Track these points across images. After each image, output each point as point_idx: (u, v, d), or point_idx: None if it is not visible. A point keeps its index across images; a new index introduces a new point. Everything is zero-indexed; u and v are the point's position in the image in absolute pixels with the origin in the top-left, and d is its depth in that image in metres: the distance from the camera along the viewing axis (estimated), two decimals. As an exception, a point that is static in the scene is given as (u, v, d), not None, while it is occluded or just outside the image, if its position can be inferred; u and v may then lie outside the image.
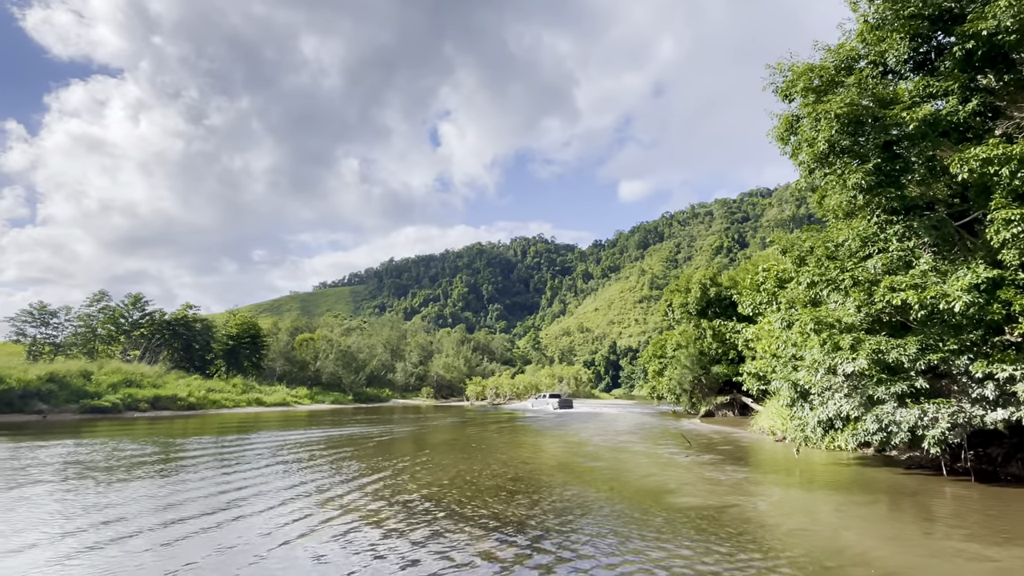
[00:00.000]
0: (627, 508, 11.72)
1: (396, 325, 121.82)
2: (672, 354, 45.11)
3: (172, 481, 14.96)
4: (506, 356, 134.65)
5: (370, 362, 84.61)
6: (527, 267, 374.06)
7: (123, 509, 11.63)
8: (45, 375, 42.34)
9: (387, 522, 10.66)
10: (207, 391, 52.38)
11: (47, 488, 13.93)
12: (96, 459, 19.17)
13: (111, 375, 47.13)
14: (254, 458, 19.64)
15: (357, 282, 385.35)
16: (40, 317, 54.94)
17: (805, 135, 17.64)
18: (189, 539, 9.46)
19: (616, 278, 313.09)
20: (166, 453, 20.94)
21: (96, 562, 8.25)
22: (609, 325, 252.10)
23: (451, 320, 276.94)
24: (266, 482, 14.84)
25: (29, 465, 17.69)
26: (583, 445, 24.99)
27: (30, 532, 9.90)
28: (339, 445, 24.02)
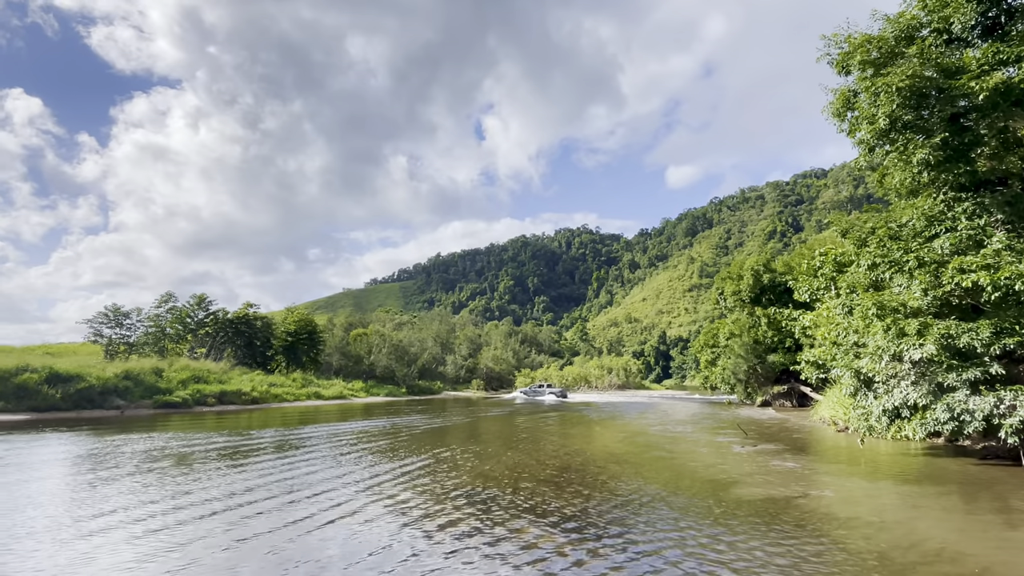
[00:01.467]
0: (685, 500, 11.61)
1: (445, 319, 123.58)
2: (725, 343, 44.11)
3: (243, 469, 15.81)
4: (554, 348, 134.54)
5: (421, 355, 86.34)
6: (572, 258, 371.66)
7: (200, 495, 12.41)
8: (121, 373, 45.14)
9: (439, 513, 10.97)
10: (269, 386, 54.69)
11: (132, 476, 14.98)
12: (174, 450, 20.44)
13: (180, 372, 49.82)
14: (315, 448, 20.48)
15: (406, 278, 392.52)
16: (114, 318, 58.54)
17: (864, 111, 16.92)
18: (259, 516, 10.04)
19: (664, 267, 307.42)
20: (235, 444, 22.08)
21: (175, 534, 8.88)
22: (658, 315, 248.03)
23: (498, 313, 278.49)
24: (327, 470, 15.48)
25: (113, 456, 19.04)
26: (636, 435, 24.85)
27: (117, 513, 10.71)
28: (394, 435, 24.72)
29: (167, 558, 8.28)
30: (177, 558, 8.27)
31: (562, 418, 35.74)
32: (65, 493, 13.05)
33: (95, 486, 13.75)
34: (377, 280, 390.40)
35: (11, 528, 9.98)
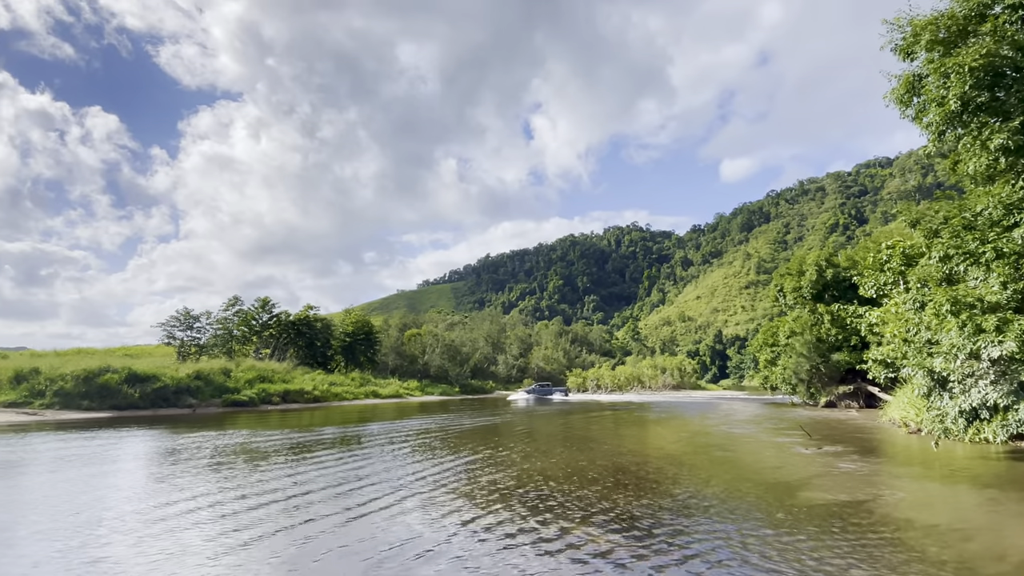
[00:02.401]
0: (747, 504, 11.32)
1: (495, 319, 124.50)
2: (786, 342, 42.61)
3: (308, 464, 16.51)
4: (605, 347, 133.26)
5: (473, 355, 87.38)
6: (622, 257, 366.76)
7: (269, 489, 13.07)
8: (193, 373, 47.79)
9: (493, 510, 11.14)
10: (329, 385, 56.70)
11: (207, 470, 15.91)
12: (243, 447, 21.53)
13: (247, 372, 52.30)
14: (375, 445, 21.13)
15: (457, 279, 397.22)
16: (186, 322, 62.06)
17: (931, 94, 16.07)
18: (323, 509, 10.50)
19: (718, 264, 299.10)
20: (300, 441, 23.05)
21: (247, 525, 9.42)
22: (713, 313, 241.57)
23: (548, 313, 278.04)
24: (385, 466, 15.98)
25: (189, 451, 20.25)
26: (693, 436, 24.41)
27: (193, 505, 11.44)
28: (449, 433, 25.18)
29: (241, 547, 8.81)
30: (251, 548, 8.78)
31: (616, 418, 35.44)
32: (148, 485, 14.01)
33: (174, 479, 14.69)
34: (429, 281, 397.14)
35: (99, 517, 10.82)
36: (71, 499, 12.31)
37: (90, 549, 8.74)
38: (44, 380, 39.79)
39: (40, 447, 21.65)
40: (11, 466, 16.94)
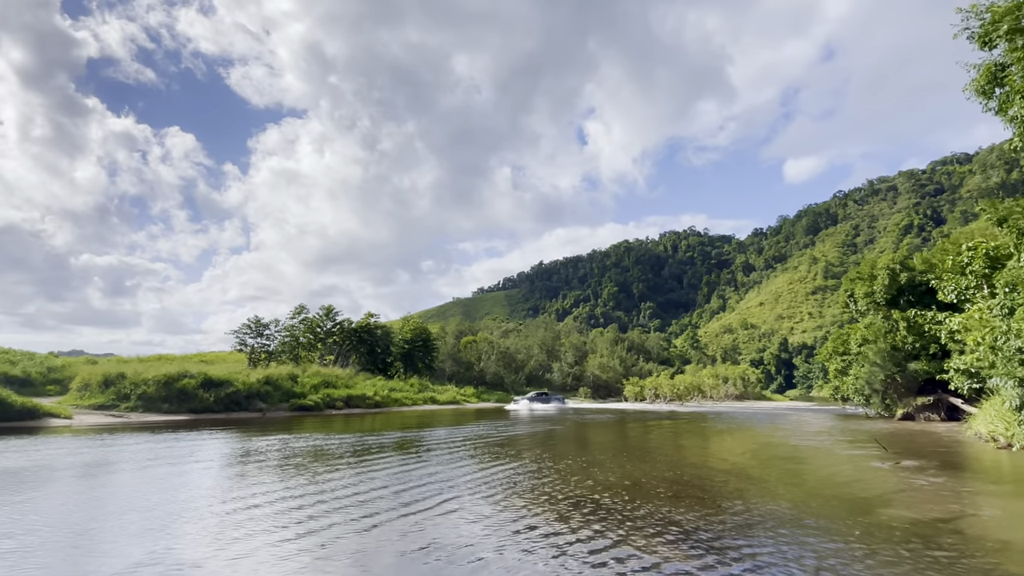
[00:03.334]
0: (818, 520, 10.86)
1: (550, 326, 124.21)
2: (857, 350, 40.53)
3: (371, 467, 17.03)
4: (663, 356, 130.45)
5: (528, 362, 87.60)
6: (679, 262, 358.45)
7: (337, 487, 13.58)
8: (263, 378, 50.08)
9: (549, 519, 11.16)
10: (389, 391, 58.17)
11: (277, 470, 16.69)
12: (310, 449, 22.43)
13: (312, 377, 54.35)
14: (434, 450, 21.54)
15: (511, 286, 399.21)
16: (256, 329, 65.17)
17: (1016, 85, 15.06)
18: (384, 511, 10.83)
19: (782, 268, 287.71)
20: (363, 444, 23.77)
21: (312, 520, 9.84)
22: (777, 320, 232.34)
23: (603, 320, 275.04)
24: (444, 471, 16.27)
25: (261, 452, 21.27)
26: (759, 448, 23.61)
27: (264, 502, 12.03)
28: (506, 440, 25.34)
29: (312, 548, 9.22)
30: (323, 548, 9.18)
31: (676, 428, 34.68)
32: (226, 485, 14.83)
33: (250, 480, 15.49)
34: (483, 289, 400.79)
35: (182, 516, 11.56)
36: (155, 498, 13.21)
37: (174, 549, 9.37)
38: (129, 384, 42.66)
39: (127, 448, 23.26)
40: (102, 466, 18.30)
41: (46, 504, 12.39)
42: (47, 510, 11.81)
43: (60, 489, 14.10)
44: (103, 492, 13.88)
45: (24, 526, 10.40)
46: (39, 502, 12.57)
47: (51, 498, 13.04)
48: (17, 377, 42.32)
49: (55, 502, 12.63)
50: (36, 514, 11.38)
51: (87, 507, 12.19)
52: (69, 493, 13.68)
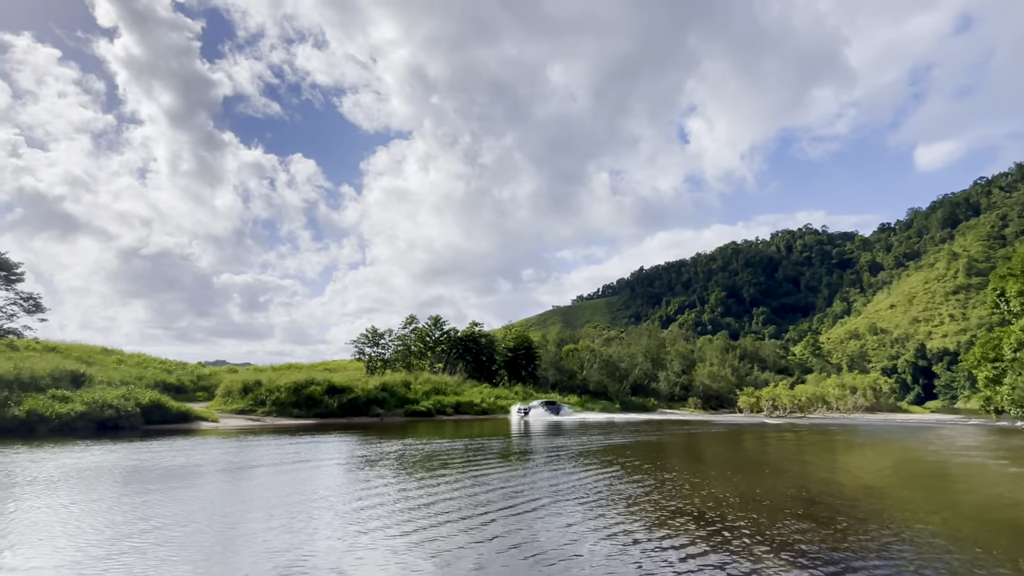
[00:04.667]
0: (973, 550, 9.80)
1: (654, 334, 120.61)
2: (1013, 356, 35.81)
3: (484, 472, 17.60)
4: (780, 364, 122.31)
5: (632, 371, 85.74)
6: (794, 263, 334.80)
7: (453, 489, 14.21)
8: (379, 385, 53.24)
9: (666, 535, 10.93)
10: (495, 398, 59.59)
11: (396, 472, 17.73)
12: (425, 452, 23.56)
13: (424, 384, 56.97)
14: (540, 457, 21.79)
15: (610, 293, 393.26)
16: (372, 339, 69.45)
17: None
18: (495, 516, 11.17)
19: (916, 266, 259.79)
20: (474, 449, 24.57)
21: (429, 520, 10.37)
22: (912, 324, 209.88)
23: (710, 327, 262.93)
24: (551, 479, 16.41)
25: (381, 455, 22.66)
26: (898, 465, 21.57)
27: (390, 500, 12.84)
28: (613, 451, 25.05)
29: (425, 539, 9.76)
30: (433, 541, 9.69)
31: (798, 441, 32.47)
32: (352, 485, 16.01)
33: (371, 479, 16.61)
34: (583, 297, 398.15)
35: (313, 514, 12.64)
36: (291, 495, 14.56)
37: (307, 542, 10.31)
38: (264, 391, 47.06)
39: (264, 449, 25.74)
40: (245, 465, 20.41)
41: (201, 498, 14.12)
42: (202, 504, 13.45)
43: (212, 485, 15.98)
44: (247, 489, 15.55)
45: (184, 518, 11.94)
46: (195, 497, 14.34)
47: (205, 493, 14.82)
48: (173, 384, 48.13)
49: (208, 497, 14.35)
50: (193, 507, 13.02)
51: (234, 502, 13.75)
52: (219, 489, 15.47)
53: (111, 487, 15.02)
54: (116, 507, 12.58)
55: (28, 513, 11.86)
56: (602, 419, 55.14)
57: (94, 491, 14.38)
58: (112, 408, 33.97)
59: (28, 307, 37.97)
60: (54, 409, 31.95)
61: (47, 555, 9.03)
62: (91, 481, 15.85)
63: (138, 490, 14.59)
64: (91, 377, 38.86)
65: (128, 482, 15.79)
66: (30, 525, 10.90)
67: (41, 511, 12.05)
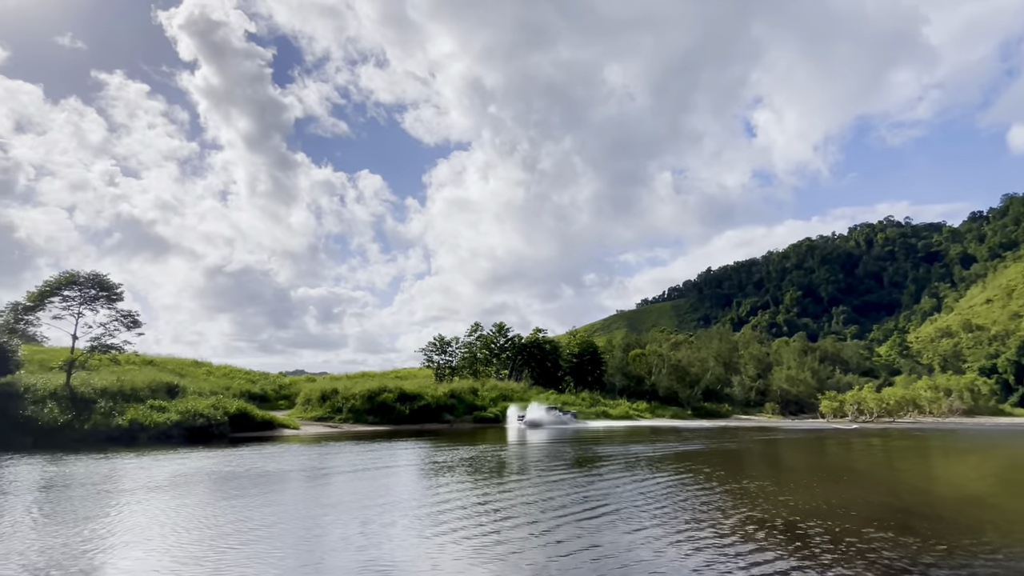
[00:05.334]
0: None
1: (725, 337, 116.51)
2: None
3: (555, 479, 17.59)
4: (864, 366, 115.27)
5: (703, 376, 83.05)
6: (875, 258, 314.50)
7: (523, 496, 14.29)
8: (448, 392, 54.22)
9: (753, 547, 10.54)
10: (562, 404, 59.33)
11: (465, 476, 18.02)
12: (494, 458, 23.80)
13: (491, 391, 57.56)
14: (615, 466, 21.50)
15: (676, 296, 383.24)
16: (440, 347, 70.90)
17: None
18: (568, 526, 11.12)
19: (1014, 257, 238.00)
20: (542, 455, 24.60)
21: (498, 515, 10.47)
22: (1013, 320, 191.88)
23: (786, 328, 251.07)
24: (627, 488, 16.17)
25: (452, 461, 23.10)
26: (1004, 474, 19.88)
27: (464, 506, 13.06)
28: (689, 459, 24.38)
29: (497, 542, 9.87)
30: (503, 544, 9.78)
31: (886, 448, 30.49)
32: (425, 488, 16.42)
33: (444, 483, 16.98)
34: (648, 300, 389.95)
35: (390, 519, 13.04)
36: (369, 500, 15.10)
37: (385, 546, 10.65)
38: (340, 399, 48.96)
39: (342, 455, 26.79)
40: (326, 472, 21.32)
41: (289, 501, 14.93)
42: (290, 506, 14.23)
43: (298, 489, 16.84)
44: (330, 492, 16.28)
45: (274, 519, 12.65)
46: (283, 500, 15.16)
47: (292, 497, 15.64)
48: (257, 394, 50.93)
49: (295, 500, 15.15)
50: (282, 510, 13.78)
51: (319, 505, 14.45)
52: (305, 493, 16.29)
53: (211, 491, 16.14)
54: (215, 509, 13.51)
55: (139, 515, 12.95)
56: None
57: (197, 494, 15.51)
58: (203, 417, 36.35)
59: (127, 324, 41.10)
60: (152, 418, 34.55)
61: (155, 552, 9.83)
62: (194, 485, 17.09)
63: (234, 494, 15.59)
64: (184, 388, 41.75)
65: (225, 486, 16.90)
66: (141, 525, 11.89)
67: (151, 512, 13.11)
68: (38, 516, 12.50)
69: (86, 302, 39.96)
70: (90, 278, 40.17)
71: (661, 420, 63.61)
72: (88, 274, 40.34)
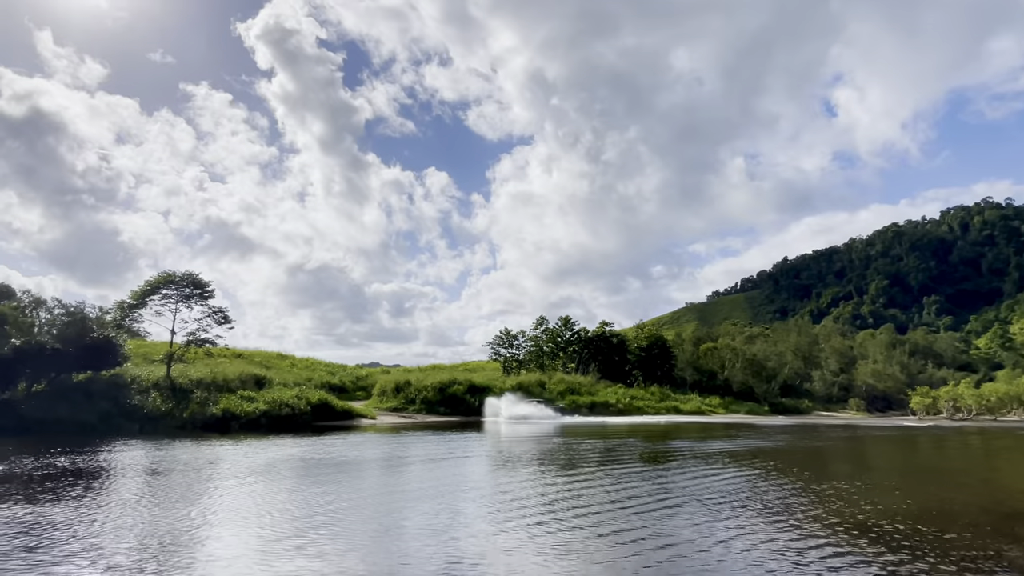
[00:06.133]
0: None
1: (804, 329, 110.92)
2: None
3: (625, 474, 17.45)
4: (960, 360, 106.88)
5: (780, 371, 79.46)
6: (971, 244, 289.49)
7: (593, 488, 14.29)
8: (515, 385, 54.80)
9: (852, 554, 10.10)
10: (631, 399, 58.61)
11: (533, 469, 18.19)
12: (564, 451, 23.89)
13: (558, 384, 57.67)
14: (690, 460, 21.07)
15: (750, 287, 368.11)
16: (507, 340, 71.72)
17: None
18: (643, 523, 11.02)
19: None
20: (609, 447, 24.43)
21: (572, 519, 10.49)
22: None
23: (871, 320, 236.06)
24: (709, 485, 15.82)
25: (520, 453, 23.38)
26: None
27: (534, 500, 13.20)
28: (770, 456, 23.53)
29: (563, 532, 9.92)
30: (576, 535, 9.82)
31: (989, 446, 28.21)
32: (495, 479, 16.73)
33: (513, 475, 17.23)
34: (719, 292, 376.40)
35: (462, 505, 13.37)
36: (442, 488, 15.57)
37: (458, 539, 10.95)
38: (413, 390, 50.52)
39: (417, 444, 27.69)
40: (404, 461, 22.13)
41: (371, 487, 15.74)
42: (371, 492, 15.03)
43: (379, 476, 17.68)
44: (408, 479, 16.95)
45: (357, 504, 13.32)
46: (365, 486, 15.95)
47: (373, 483, 16.44)
48: (336, 385, 53.34)
49: (376, 486, 15.93)
50: (364, 495, 14.52)
51: (398, 491, 15.11)
52: (385, 479, 17.09)
53: (301, 476, 17.23)
54: (305, 494, 14.38)
55: (238, 498, 14.00)
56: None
57: (289, 479, 16.60)
58: (288, 407, 38.56)
59: (218, 320, 44.21)
60: (243, 408, 36.97)
61: (250, 533, 10.60)
62: (286, 470, 18.27)
63: (322, 479, 16.54)
64: (270, 379, 44.37)
65: (313, 472, 17.96)
66: (238, 507, 12.85)
67: (248, 495, 14.15)
68: (149, 497, 13.74)
69: (182, 299, 43.24)
70: (185, 277, 43.44)
71: (735, 416, 61.56)
72: (183, 274, 43.63)
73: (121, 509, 12.24)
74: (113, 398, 34.66)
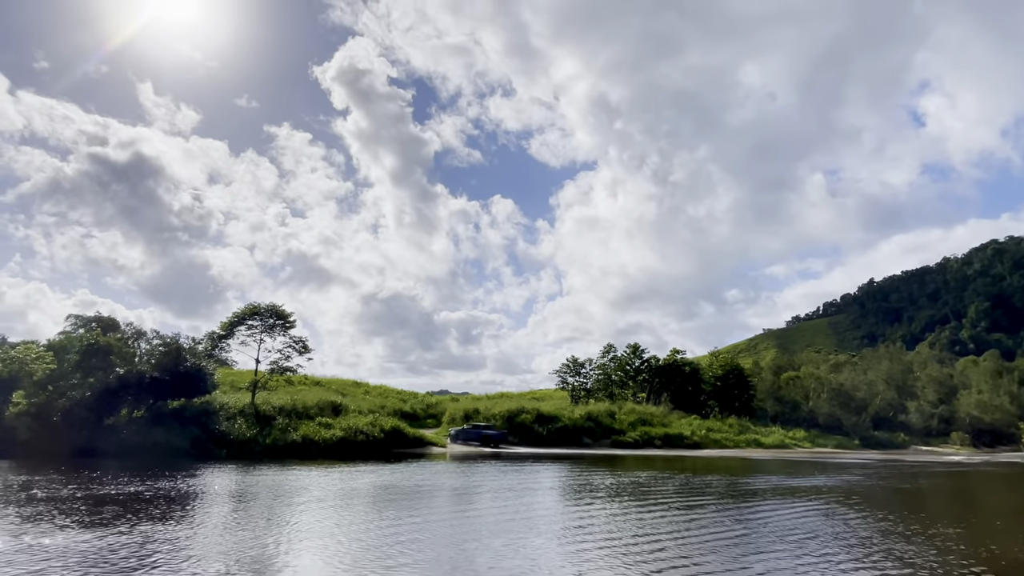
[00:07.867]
0: None
1: (896, 356, 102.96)
2: None
3: (702, 512, 16.56)
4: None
5: (872, 401, 73.80)
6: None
7: (663, 526, 13.59)
8: (584, 415, 53.76)
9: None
10: (707, 431, 56.02)
11: (605, 503, 17.56)
12: (638, 486, 23.04)
13: (628, 415, 56.07)
14: (775, 499, 19.78)
15: (833, 311, 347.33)
16: (574, 368, 70.75)
17: None
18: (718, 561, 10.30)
19: None
20: (699, 486, 23.32)
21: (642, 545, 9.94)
22: None
23: (972, 345, 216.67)
24: (778, 520, 14.76)
25: (592, 485, 22.72)
26: None
27: (605, 534, 12.68)
28: (863, 496, 21.75)
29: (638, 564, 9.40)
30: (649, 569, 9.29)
31: None
32: (567, 511, 16.30)
33: (583, 509, 16.73)
34: (799, 317, 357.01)
35: (532, 535, 13.04)
36: (514, 518, 15.34)
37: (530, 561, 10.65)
38: (482, 419, 50.58)
39: (488, 474, 27.55)
40: (475, 490, 22.06)
41: (441, 515, 15.87)
42: (442, 520, 15.14)
43: (450, 504, 17.77)
44: (478, 508, 16.95)
45: (428, 531, 13.35)
46: (436, 514, 16.02)
47: (444, 512, 16.55)
48: (408, 412, 54.31)
49: (447, 514, 16.05)
50: (435, 522, 14.57)
51: (468, 520, 15.26)
52: (455, 508, 17.23)
53: (377, 502, 17.60)
54: (381, 519, 14.65)
55: (319, 521, 14.41)
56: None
57: (364, 504, 16.94)
58: (363, 434, 39.56)
59: (299, 349, 46.27)
60: (321, 434, 38.24)
61: (329, 555, 10.87)
62: (362, 496, 18.65)
63: (397, 505, 16.83)
64: (346, 406, 45.77)
65: (388, 498, 18.26)
66: (319, 530, 13.19)
67: (328, 519, 14.58)
68: (237, 518, 14.37)
69: (266, 330, 45.65)
70: (269, 308, 45.94)
71: (823, 450, 57.57)
72: (267, 305, 46.16)
73: (215, 529, 12.99)
74: (203, 424, 36.77)
